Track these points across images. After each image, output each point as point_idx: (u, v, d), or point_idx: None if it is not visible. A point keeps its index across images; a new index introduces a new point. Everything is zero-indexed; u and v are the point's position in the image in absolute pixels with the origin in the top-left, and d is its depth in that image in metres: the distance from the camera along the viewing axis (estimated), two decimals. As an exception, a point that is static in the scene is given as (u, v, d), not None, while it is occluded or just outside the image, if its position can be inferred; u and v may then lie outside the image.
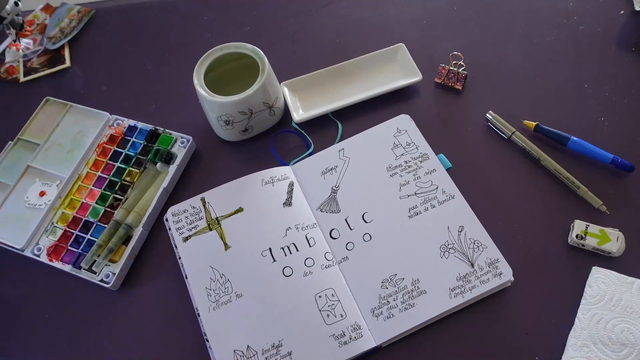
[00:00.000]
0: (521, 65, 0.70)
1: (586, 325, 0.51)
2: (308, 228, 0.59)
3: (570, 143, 0.61)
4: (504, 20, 0.75)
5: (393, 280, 0.55)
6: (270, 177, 0.62)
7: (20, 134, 0.71)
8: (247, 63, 0.65)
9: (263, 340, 0.53)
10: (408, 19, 0.77)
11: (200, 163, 0.68)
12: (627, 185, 0.60)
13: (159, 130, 0.68)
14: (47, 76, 0.79)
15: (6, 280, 0.62)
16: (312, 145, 0.67)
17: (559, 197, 0.60)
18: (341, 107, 0.67)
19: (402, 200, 0.59)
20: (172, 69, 0.77)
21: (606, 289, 0.53)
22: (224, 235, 0.59)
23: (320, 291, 0.55)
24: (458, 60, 0.69)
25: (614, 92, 0.66)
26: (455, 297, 0.53)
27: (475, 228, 0.57)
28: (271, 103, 0.65)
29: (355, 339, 0.52)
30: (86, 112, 0.71)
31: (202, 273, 0.57)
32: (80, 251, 0.61)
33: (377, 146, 0.63)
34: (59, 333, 0.58)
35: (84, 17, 0.84)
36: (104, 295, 0.60)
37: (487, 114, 0.65)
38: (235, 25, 0.80)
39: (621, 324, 0.51)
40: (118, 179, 0.66)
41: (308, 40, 0.77)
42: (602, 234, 0.55)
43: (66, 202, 0.65)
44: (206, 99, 0.62)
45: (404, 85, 0.68)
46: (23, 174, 0.67)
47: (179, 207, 0.61)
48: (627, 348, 0.50)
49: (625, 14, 0.73)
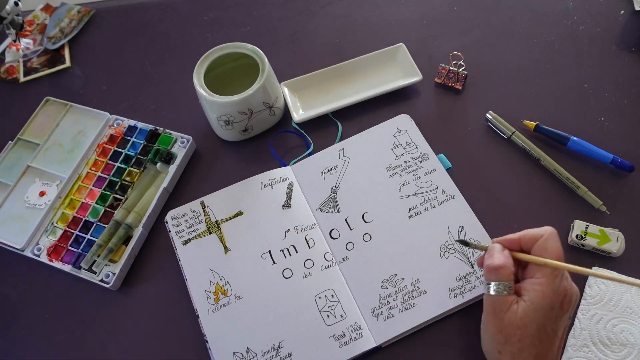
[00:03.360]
0: (521, 65, 0.70)
1: (586, 326, 0.51)
2: (307, 229, 0.59)
3: (570, 143, 0.61)
4: (504, 20, 0.75)
5: (393, 281, 0.55)
6: (269, 180, 0.62)
7: (20, 134, 0.71)
8: (247, 63, 0.65)
9: (263, 341, 0.53)
10: (408, 19, 0.77)
11: (200, 163, 0.68)
12: (627, 185, 0.60)
13: (159, 130, 0.68)
14: (47, 76, 0.79)
15: (6, 280, 0.62)
16: (312, 145, 0.67)
17: (559, 197, 0.60)
18: (341, 107, 0.67)
19: (402, 200, 0.59)
20: (172, 69, 0.76)
21: (606, 289, 0.53)
22: (223, 239, 0.59)
23: (320, 292, 0.55)
24: (458, 60, 0.69)
25: (614, 92, 0.66)
26: (455, 297, 0.53)
27: (475, 228, 0.57)
28: (271, 103, 0.65)
29: (355, 339, 0.52)
30: (86, 112, 0.71)
31: (202, 276, 0.57)
32: (80, 251, 0.61)
33: (377, 146, 0.63)
34: (59, 333, 0.58)
35: (84, 17, 0.84)
36: (104, 295, 0.60)
37: (487, 114, 0.65)
38: (235, 25, 0.80)
39: (621, 324, 0.51)
40: (118, 179, 0.66)
41: (308, 40, 0.77)
42: (602, 234, 0.55)
43: (66, 202, 0.65)
44: (206, 99, 0.62)
45: (404, 85, 0.68)
46: (23, 174, 0.67)
47: (178, 211, 0.61)
48: (627, 348, 0.50)
49: (625, 14, 0.73)
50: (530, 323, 0.43)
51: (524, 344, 0.44)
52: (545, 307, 0.44)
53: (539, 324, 0.43)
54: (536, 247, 0.46)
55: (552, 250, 0.45)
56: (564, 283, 0.45)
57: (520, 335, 0.44)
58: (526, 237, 0.47)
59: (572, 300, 0.45)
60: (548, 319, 0.44)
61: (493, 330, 0.46)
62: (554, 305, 0.44)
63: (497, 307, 0.45)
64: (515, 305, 0.44)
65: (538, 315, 0.43)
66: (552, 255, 0.45)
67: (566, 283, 0.45)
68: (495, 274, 0.46)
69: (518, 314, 0.44)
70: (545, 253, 0.45)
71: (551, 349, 0.44)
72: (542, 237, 0.46)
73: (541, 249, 0.46)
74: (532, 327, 0.43)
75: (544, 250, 0.45)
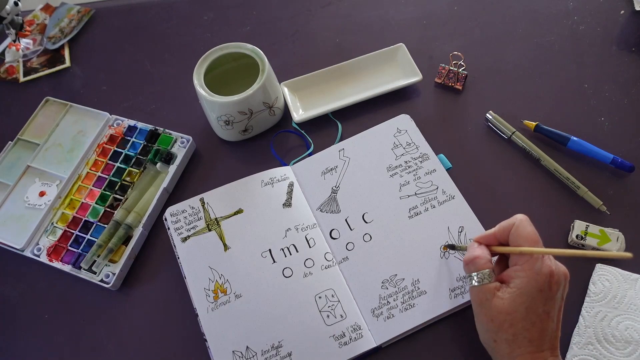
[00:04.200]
0: (521, 65, 0.70)
1: (590, 323, 0.51)
2: (308, 229, 0.59)
3: (570, 143, 0.61)
4: (504, 20, 0.75)
5: (393, 281, 0.55)
6: (270, 178, 0.62)
7: (20, 134, 0.71)
8: (247, 63, 0.65)
9: (262, 340, 0.53)
10: (408, 19, 0.77)
11: (200, 163, 0.68)
12: (627, 185, 0.60)
13: (159, 130, 0.68)
14: (47, 76, 0.79)
15: (6, 280, 0.62)
16: (312, 145, 0.67)
17: (559, 197, 0.60)
18: (341, 107, 0.67)
19: (402, 200, 0.59)
20: (172, 69, 0.76)
21: (610, 286, 0.53)
22: (223, 236, 0.59)
23: (320, 292, 0.55)
24: (458, 60, 0.69)
25: (614, 92, 0.66)
26: (456, 297, 0.53)
27: (476, 228, 0.57)
28: (271, 103, 0.65)
29: (355, 340, 0.52)
30: (86, 112, 0.71)
31: (201, 273, 0.57)
32: (80, 251, 0.61)
33: (377, 146, 0.63)
34: (59, 333, 0.58)
35: (84, 17, 0.84)
36: (104, 295, 0.60)
37: (487, 114, 0.65)
38: (235, 25, 0.80)
39: (625, 321, 0.51)
40: (118, 179, 0.66)
41: (308, 40, 0.77)
42: (602, 234, 0.55)
43: (66, 202, 0.65)
44: (206, 99, 0.62)
45: (404, 85, 0.68)
46: (23, 174, 0.67)
47: (177, 208, 0.61)
48: (632, 345, 0.50)
49: (625, 14, 0.73)
50: (518, 307, 0.44)
51: (516, 328, 0.44)
52: (531, 290, 0.44)
53: (527, 307, 0.44)
54: (511, 236, 0.47)
55: (525, 236, 0.46)
56: (547, 263, 0.45)
57: (511, 321, 0.44)
58: (500, 230, 0.49)
59: (561, 279, 0.45)
60: (537, 301, 0.44)
61: (484, 320, 0.46)
62: (541, 287, 0.44)
63: (482, 296, 0.46)
64: (501, 292, 0.45)
65: (525, 299, 0.44)
66: (526, 240, 0.46)
67: (550, 262, 0.45)
68: (473, 265, 0.48)
69: (505, 300, 0.45)
70: (520, 240, 0.46)
71: (545, 331, 0.44)
72: (514, 226, 0.47)
73: (515, 237, 0.47)
74: (521, 310, 0.44)
75: (518, 237, 0.46)
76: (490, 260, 0.48)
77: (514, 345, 0.44)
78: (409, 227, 0.57)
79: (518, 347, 0.44)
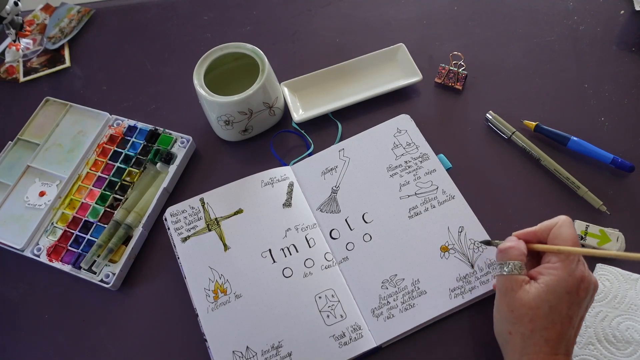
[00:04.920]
0: (521, 65, 0.70)
1: (591, 323, 0.51)
2: (308, 229, 0.59)
3: (570, 143, 0.61)
4: (504, 20, 0.75)
5: (393, 281, 0.55)
6: (270, 178, 0.62)
7: (20, 134, 0.71)
8: (247, 63, 0.65)
9: (262, 340, 0.53)
10: (408, 19, 0.77)
11: (200, 163, 0.68)
12: (627, 185, 0.60)
13: (159, 130, 0.68)
14: (47, 76, 0.79)
15: (6, 280, 0.62)
16: (312, 145, 0.67)
17: (559, 197, 0.60)
18: (341, 107, 0.67)
19: (402, 200, 0.59)
20: (172, 69, 0.76)
21: (610, 286, 0.53)
22: (223, 236, 0.59)
23: (320, 292, 0.55)
24: (458, 60, 0.69)
25: (614, 92, 0.66)
26: (455, 297, 0.53)
27: (475, 228, 0.57)
28: (271, 103, 0.65)
29: (355, 340, 0.52)
30: (86, 112, 0.71)
31: (201, 273, 0.57)
32: (80, 251, 0.61)
33: (377, 146, 0.63)
34: (59, 333, 0.58)
35: (84, 17, 0.84)
36: (104, 295, 0.60)
37: (487, 114, 0.65)
38: (235, 25, 0.80)
39: (626, 321, 0.51)
40: (118, 179, 0.66)
41: (308, 40, 0.77)
42: (602, 234, 0.55)
43: (66, 202, 0.65)
44: (206, 99, 0.62)
45: (404, 85, 0.68)
46: (23, 174, 0.67)
47: (177, 208, 0.61)
48: (633, 346, 0.50)
49: (625, 14, 0.73)
50: (543, 304, 0.43)
51: (535, 324, 0.43)
52: (559, 290, 0.44)
53: (552, 306, 0.43)
54: (551, 235, 0.47)
55: (565, 236, 0.46)
56: (581, 267, 0.45)
57: (532, 316, 0.43)
58: (542, 228, 0.48)
59: (590, 287, 0.45)
60: (563, 302, 0.43)
61: (504, 309, 0.46)
62: (570, 289, 0.44)
63: (508, 286, 0.46)
64: (528, 286, 0.45)
65: (551, 297, 0.43)
66: (566, 241, 0.46)
67: (583, 268, 0.45)
68: (506, 254, 0.47)
69: (530, 294, 0.44)
70: (559, 239, 0.46)
71: (564, 335, 0.43)
72: (555, 225, 0.47)
73: (555, 236, 0.47)
74: (545, 308, 0.43)
75: (558, 236, 0.46)
76: (525, 254, 0.48)
77: (529, 341, 0.43)
78: (409, 227, 0.57)
79: (533, 345, 0.43)
